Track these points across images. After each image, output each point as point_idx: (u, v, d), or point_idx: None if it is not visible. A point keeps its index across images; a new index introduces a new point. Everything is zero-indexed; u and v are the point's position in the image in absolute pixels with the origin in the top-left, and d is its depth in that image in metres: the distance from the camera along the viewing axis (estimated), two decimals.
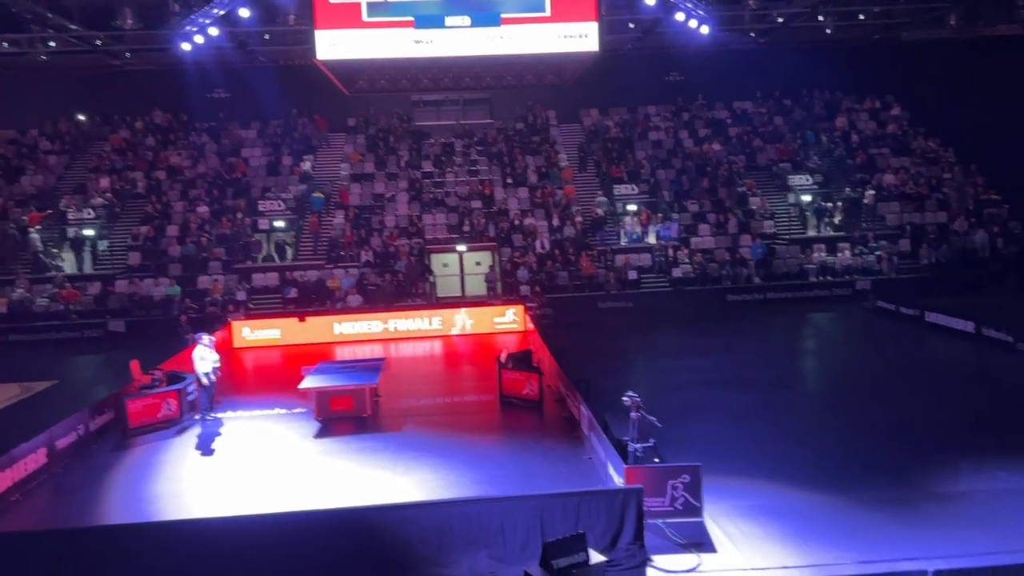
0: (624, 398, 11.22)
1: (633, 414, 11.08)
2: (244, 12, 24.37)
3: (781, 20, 29.89)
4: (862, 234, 29.23)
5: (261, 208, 30.40)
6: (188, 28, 24.64)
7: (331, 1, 22.78)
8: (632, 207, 30.57)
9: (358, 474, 12.36)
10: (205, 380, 15.53)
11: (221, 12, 24.39)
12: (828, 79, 34.78)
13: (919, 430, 13.50)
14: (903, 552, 8.99)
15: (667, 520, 9.87)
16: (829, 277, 27.98)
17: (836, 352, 21.94)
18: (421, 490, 11.48)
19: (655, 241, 29.38)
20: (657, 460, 11.30)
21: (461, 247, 29.42)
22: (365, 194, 31.74)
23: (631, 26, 29.85)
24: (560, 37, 23.37)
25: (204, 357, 15.55)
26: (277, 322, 24.33)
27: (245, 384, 19.83)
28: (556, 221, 29.93)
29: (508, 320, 24.54)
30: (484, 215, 30.17)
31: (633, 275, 27.83)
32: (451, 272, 29.69)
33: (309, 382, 15.47)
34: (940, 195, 31.05)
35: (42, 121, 34.25)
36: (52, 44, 29.68)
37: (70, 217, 29.61)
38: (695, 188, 31.43)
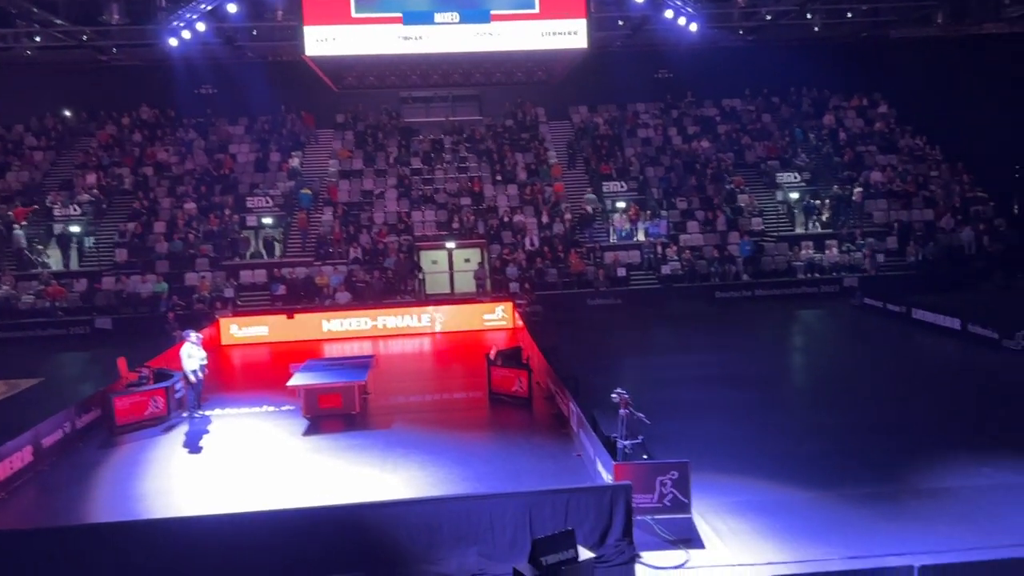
0: (613, 395, 11.23)
1: (622, 411, 11.10)
2: (232, 7, 24.22)
3: (769, 18, 30.01)
4: (850, 231, 29.38)
5: (249, 205, 30.26)
6: (175, 23, 24.47)
7: None
8: (621, 204, 30.62)
9: (347, 471, 12.33)
10: (192, 377, 15.47)
11: (208, 7, 24.25)
12: (816, 77, 34.92)
13: (905, 427, 13.59)
14: (890, 548, 9.05)
15: (656, 516, 9.90)
16: (817, 274, 28.11)
17: (823, 349, 22.05)
18: (410, 487, 11.47)
19: (644, 238, 29.45)
20: (646, 457, 11.32)
21: (450, 244, 29.40)
22: (354, 191, 31.65)
23: (620, 23, 29.87)
24: (549, 34, 23.35)
25: (191, 354, 15.48)
26: (265, 319, 24.26)
27: (233, 381, 19.77)
28: (545, 218, 29.94)
29: (497, 317, 24.55)
30: (473, 212, 30.15)
31: (622, 272, 27.89)
32: (440, 269, 29.66)
33: (297, 379, 15.43)
34: (927, 193, 31.23)
35: (28, 117, 33.96)
36: (38, 39, 29.43)
37: (56, 213, 29.39)
38: (684, 185, 31.49)
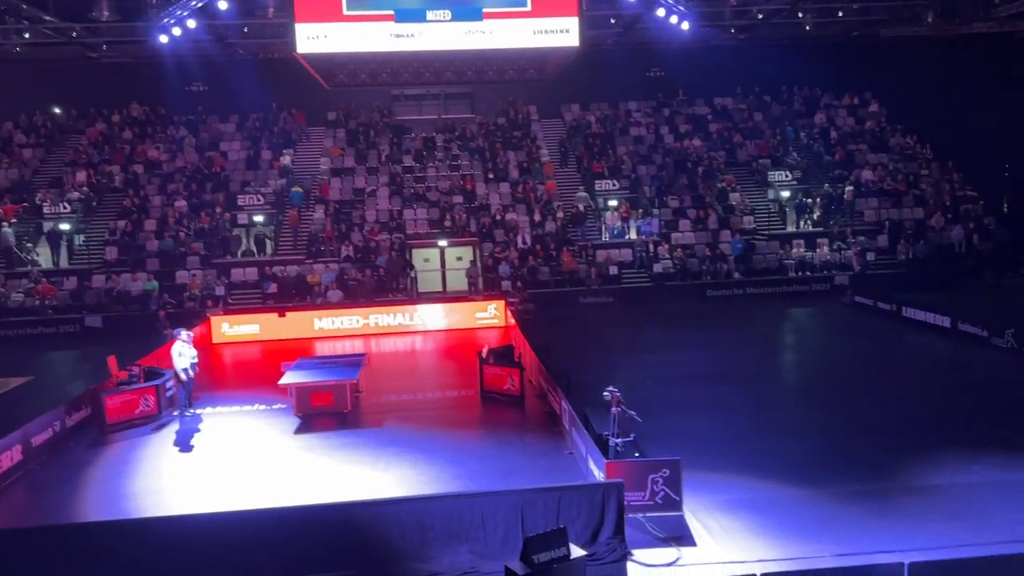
0: (605, 393, 11.25)
1: (614, 409, 11.12)
2: (223, 4, 24.17)
3: (761, 16, 30.05)
4: (841, 230, 29.48)
5: (240, 202, 30.16)
6: (166, 20, 24.40)
7: None
8: (613, 202, 30.65)
9: (338, 470, 12.31)
10: (183, 376, 15.43)
11: (199, 4, 24.19)
12: (807, 75, 35.02)
13: (896, 424, 13.66)
14: (880, 545, 9.09)
15: (647, 514, 9.92)
16: (808, 272, 28.20)
17: (814, 347, 22.12)
18: (402, 486, 11.46)
19: (636, 236, 29.50)
20: (637, 455, 11.33)
21: (442, 242, 29.36)
22: (345, 188, 31.59)
23: (612, 21, 29.85)
24: (541, 32, 23.38)
25: (182, 353, 15.44)
26: (256, 317, 24.19)
27: (224, 380, 19.71)
28: (537, 216, 29.94)
29: (489, 315, 24.54)
30: (465, 210, 30.11)
31: (614, 270, 27.92)
32: (432, 267, 29.61)
33: (289, 378, 15.41)
34: (917, 191, 31.37)
35: (17, 114, 33.74)
36: (27, 36, 29.22)
37: (46, 211, 29.24)
38: (676, 184, 31.53)
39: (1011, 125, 29.98)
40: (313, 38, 23.00)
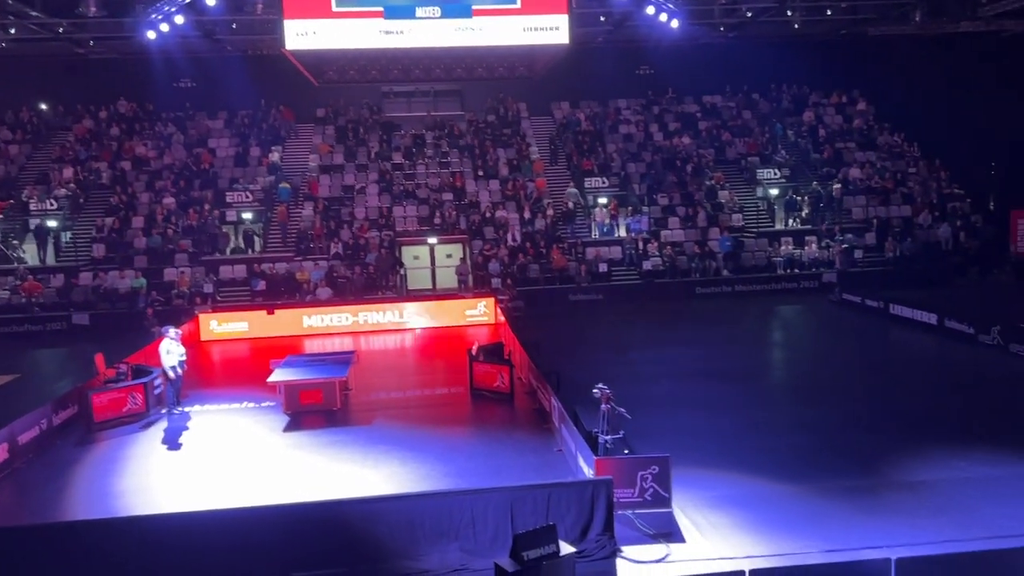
0: (594, 390, 11.27)
1: (603, 406, 11.14)
2: (210, 0, 24.01)
3: (750, 15, 30.11)
4: (829, 227, 29.62)
5: (229, 199, 30.05)
6: (153, 16, 24.24)
7: None
8: (603, 200, 30.69)
9: (327, 468, 12.29)
10: (172, 374, 15.35)
11: (187, 0, 24.02)
12: (796, 73, 35.16)
13: (883, 420, 13.74)
14: (867, 540, 9.15)
15: (636, 511, 9.95)
16: (796, 270, 28.34)
17: (802, 344, 22.21)
18: (391, 483, 11.45)
19: (625, 234, 29.55)
20: (627, 451, 11.36)
21: (432, 240, 29.33)
22: (335, 186, 31.51)
23: (602, 19, 29.87)
24: (531, 29, 23.36)
25: (171, 350, 15.37)
26: (245, 315, 24.10)
27: (213, 378, 19.62)
28: (527, 214, 29.94)
29: (479, 313, 24.54)
30: (455, 207, 30.08)
31: (604, 268, 27.96)
32: (422, 265, 29.58)
33: (278, 375, 15.36)
34: (905, 189, 31.54)
35: (3, 110, 33.47)
36: (13, 31, 28.99)
37: (32, 208, 29.06)
38: (665, 181, 31.60)
39: (997, 123, 30.19)
40: (302, 34, 22.91)
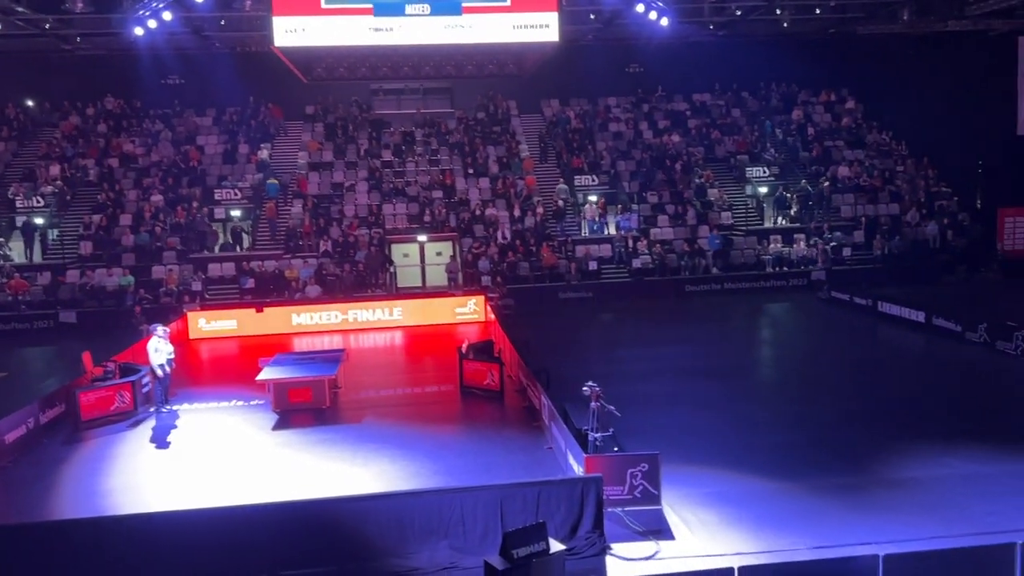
0: (584, 388, 11.28)
1: (593, 404, 11.15)
2: None
3: (739, 13, 30.18)
4: (818, 225, 29.73)
5: (217, 197, 29.90)
6: (141, 12, 24.10)
7: None
8: (593, 198, 30.71)
9: (317, 466, 12.25)
10: (160, 372, 15.28)
11: None
12: (785, 72, 35.22)
13: (871, 418, 13.80)
14: (856, 537, 9.19)
15: (626, 508, 9.96)
16: (785, 268, 28.43)
17: (791, 342, 22.30)
18: (381, 481, 11.43)
19: (615, 232, 29.58)
20: (616, 449, 11.38)
21: (422, 237, 29.28)
22: (324, 183, 31.40)
23: (591, 17, 29.88)
24: (521, 27, 23.33)
25: (159, 349, 15.30)
26: (234, 313, 24.02)
27: (201, 376, 19.54)
28: (517, 212, 29.92)
29: (469, 311, 24.52)
30: (445, 205, 30.03)
31: (593, 265, 27.98)
32: (412, 263, 29.53)
33: (267, 373, 15.31)
34: (893, 187, 31.70)
35: None
36: None
37: (18, 205, 28.83)
38: (654, 179, 31.64)
39: (985, 122, 30.36)
40: (291, 31, 22.80)
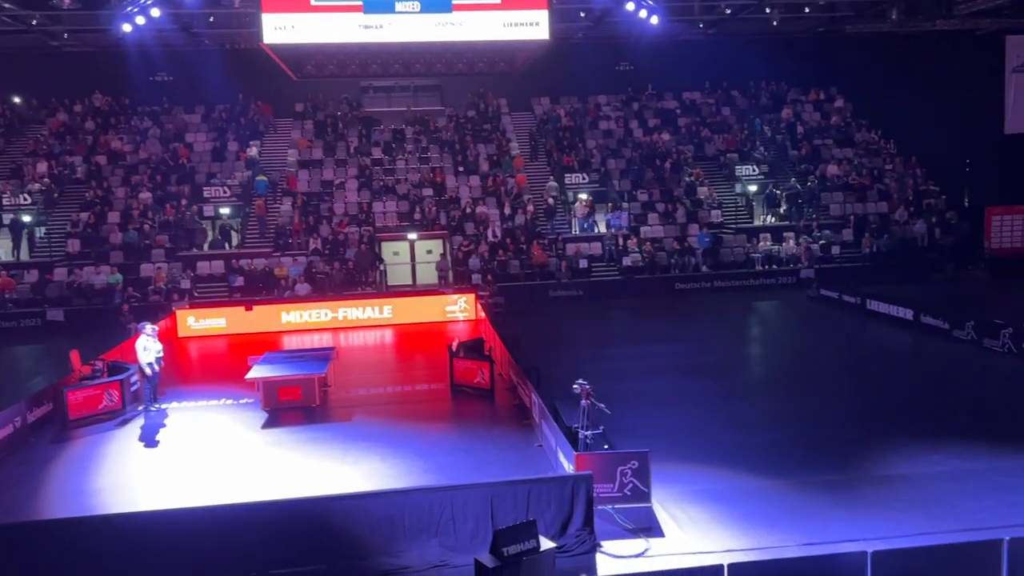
0: (574, 386, 11.30)
1: (583, 401, 11.17)
2: None
3: (729, 12, 30.25)
4: (807, 223, 29.85)
5: (206, 194, 29.76)
6: (129, 9, 23.95)
7: None
8: (583, 196, 30.74)
9: (307, 465, 12.22)
10: (148, 370, 15.20)
11: None
12: (774, 71, 35.30)
13: (860, 415, 13.86)
14: (844, 534, 9.24)
15: (616, 506, 9.97)
16: (774, 266, 28.54)
17: (780, 339, 22.38)
18: (371, 480, 11.42)
19: (605, 230, 29.62)
20: (607, 447, 11.41)
21: (412, 235, 29.23)
22: (313, 181, 31.30)
23: (582, 15, 29.90)
24: (511, 24, 23.32)
25: (147, 347, 15.22)
26: (223, 311, 23.91)
27: (190, 374, 19.46)
28: (507, 210, 29.92)
29: (459, 309, 24.49)
30: (435, 203, 30.00)
31: (584, 263, 28.01)
32: (402, 260, 29.49)
33: (256, 372, 15.26)
34: (881, 186, 31.85)
35: None
36: None
37: (5, 202, 28.57)
38: (644, 178, 31.69)
39: (972, 121, 30.55)
40: (280, 28, 22.72)
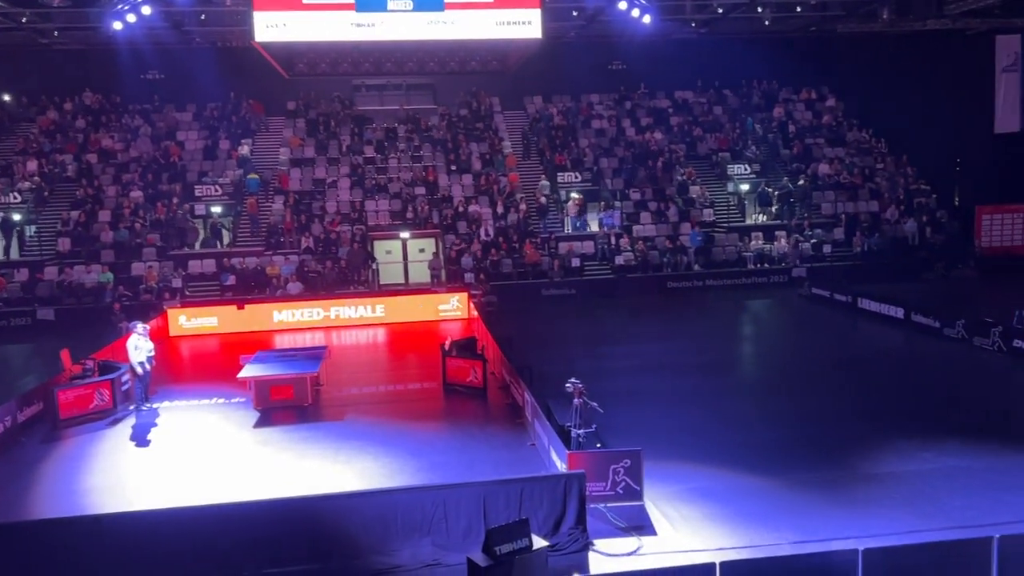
0: (567, 384, 11.31)
1: (576, 400, 11.18)
2: None
3: (721, 11, 30.32)
4: (798, 222, 29.94)
5: (197, 193, 29.65)
6: (119, 6, 23.87)
7: None
8: (576, 195, 30.75)
9: (299, 464, 12.20)
10: (140, 369, 15.14)
11: None
12: (766, 70, 35.34)
13: (851, 413, 13.93)
14: (836, 532, 9.27)
15: (609, 504, 10.00)
16: (766, 264, 28.61)
17: (773, 338, 22.45)
18: (363, 479, 11.41)
19: (598, 229, 29.64)
20: (599, 445, 11.41)
21: (404, 234, 29.20)
22: (305, 179, 31.22)
23: (574, 14, 29.92)
24: (503, 23, 23.38)
25: (138, 346, 15.16)
26: (214, 310, 23.83)
27: (182, 373, 19.41)
28: (500, 208, 29.91)
29: (452, 308, 24.48)
30: (428, 202, 29.96)
31: (576, 262, 28.03)
32: (394, 259, 29.45)
33: (248, 371, 15.22)
34: (872, 185, 31.97)
35: None
36: None
37: None
38: (637, 176, 31.72)
39: (963, 120, 30.68)
40: (272, 27, 22.72)
